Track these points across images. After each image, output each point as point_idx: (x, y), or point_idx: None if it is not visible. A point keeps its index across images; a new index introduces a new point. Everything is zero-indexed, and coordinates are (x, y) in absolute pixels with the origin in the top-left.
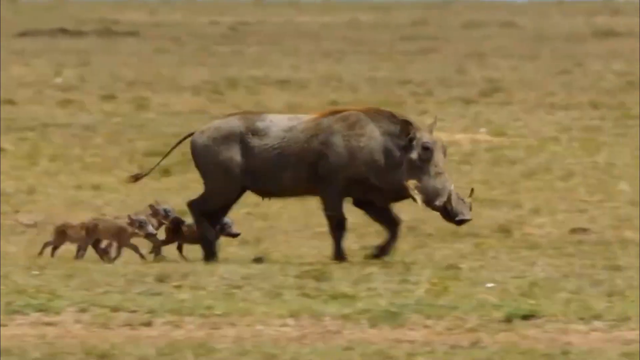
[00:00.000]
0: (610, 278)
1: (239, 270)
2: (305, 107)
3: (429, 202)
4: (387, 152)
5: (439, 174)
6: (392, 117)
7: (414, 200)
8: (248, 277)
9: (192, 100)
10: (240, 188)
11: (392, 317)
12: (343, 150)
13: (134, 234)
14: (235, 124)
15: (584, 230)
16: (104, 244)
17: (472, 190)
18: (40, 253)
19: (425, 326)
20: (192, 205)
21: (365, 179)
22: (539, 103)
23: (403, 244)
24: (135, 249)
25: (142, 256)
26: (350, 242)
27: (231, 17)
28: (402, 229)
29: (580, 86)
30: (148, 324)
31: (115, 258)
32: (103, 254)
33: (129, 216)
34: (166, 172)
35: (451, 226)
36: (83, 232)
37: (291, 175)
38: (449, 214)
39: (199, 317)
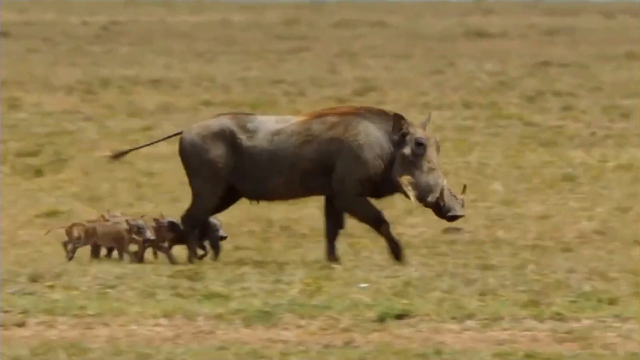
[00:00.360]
0: (482, 277)
1: (113, 270)
2: (177, 107)
3: (421, 198)
4: (384, 146)
5: (432, 169)
6: (383, 113)
7: (407, 196)
8: (121, 277)
9: (65, 100)
10: (227, 187)
11: (266, 317)
12: (347, 155)
13: (132, 240)
14: (225, 123)
15: (457, 229)
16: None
17: (465, 187)
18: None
19: (299, 326)
20: (184, 218)
21: (371, 176)
22: (411, 102)
23: (276, 244)
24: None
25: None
26: (223, 243)
27: (103, 16)
28: (276, 229)
29: (453, 86)
30: (21, 324)
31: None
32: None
33: (127, 221)
34: (38, 172)
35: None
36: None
37: (283, 181)
38: (441, 210)
39: (72, 317)
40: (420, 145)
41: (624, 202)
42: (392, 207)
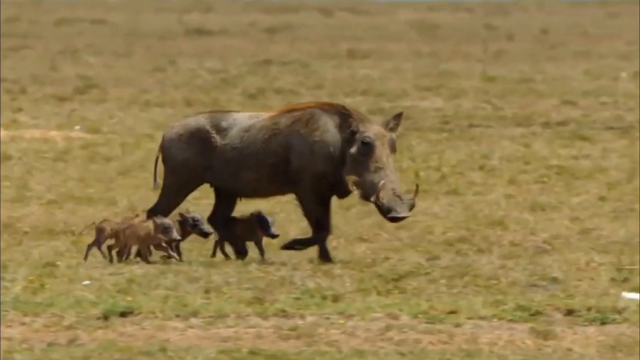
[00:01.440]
0: (207, 274)
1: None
2: None
3: (366, 197)
4: (337, 145)
5: (379, 169)
6: (342, 109)
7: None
8: None
9: None
10: (200, 184)
11: None
12: (303, 149)
13: (158, 239)
14: (201, 121)
15: None
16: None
17: (417, 187)
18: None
19: (23, 323)
20: (148, 213)
21: (326, 174)
22: (133, 100)
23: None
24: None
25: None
26: None
27: None
28: None
29: (174, 84)
30: None
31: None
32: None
33: (153, 220)
34: None
35: (47, 224)
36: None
37: (253, 176)
38: (381, 209)
39: None
40: (365, 144)
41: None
42: (114, 204)
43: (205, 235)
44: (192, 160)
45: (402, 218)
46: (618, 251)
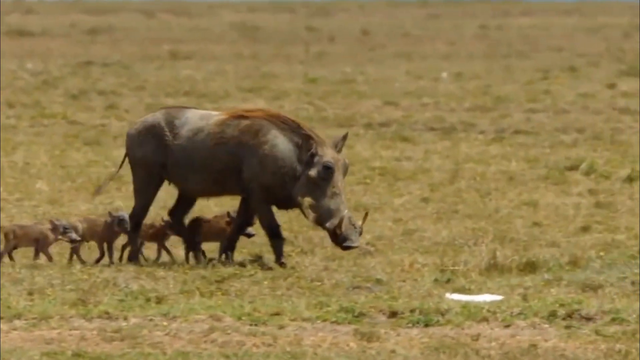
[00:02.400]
0: (30, 276)
1: None
2: None
3: (320, 222)
4: (289, 160)
5: (335, 194)
6: (297, 127)
7: (306, 216)
8: None
9: None
10: (161, 181)
11: None
12: (253, 161)
13: (56, 240)
14: (157, 118)
15: None
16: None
17: (366, 214)
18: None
19: None
20: (130, 217)
21: (273, 186)
22: None
23: None
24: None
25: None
26: None
27: None
28: None
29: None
30: None
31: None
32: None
33: (51, 221)
34: None
35: None
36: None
37: (199, 178)
38: (337, 237)
39: None
40: (327, 169)
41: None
42: None
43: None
44: (148, 155)
45: (356, 247)
46: (441, 252)
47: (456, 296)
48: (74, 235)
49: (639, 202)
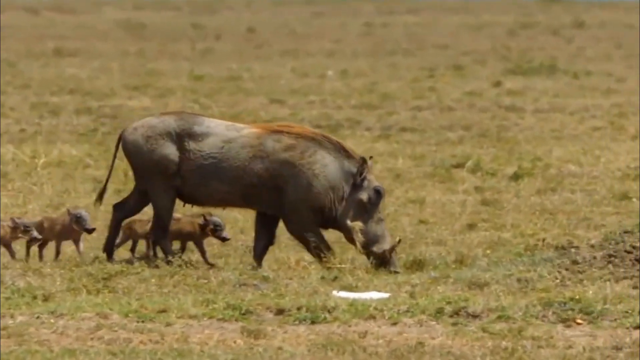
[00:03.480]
0: None
1: None
2: None
3: (367, 246)
4: (337, 181)
5: (380, 220)
6: (341, 147)
7: (350, 240)
8: None
9: None
10: (175, 186)
11: None
12: (300, 182)
13: (16, 238)
14: (169, 123)
15: None
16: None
17: (399, 240)
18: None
19: None
20: (153, 224)
21: (322, 208)
22: None
23: None
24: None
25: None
26: None
27: None
28: None
29: None
30: None
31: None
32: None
33: (12, 219)
34: None
35: None
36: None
37: (224, 189)
38: (385, 263)
39: None
40: (378, 194)
41: (56, 198)
42: None
43: (223, 239)
44: (164, 162)
45: (398, 273)
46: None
47: (343, 294)
48: (35, 234)
49: (525, 199)
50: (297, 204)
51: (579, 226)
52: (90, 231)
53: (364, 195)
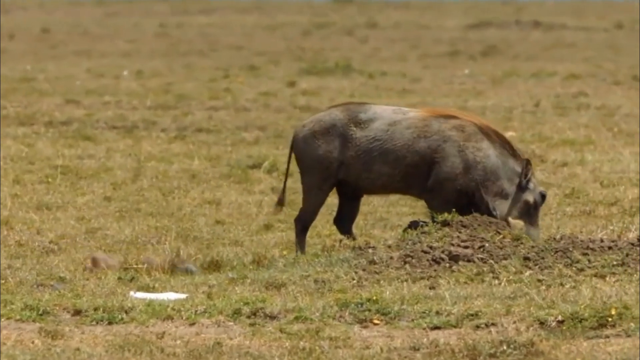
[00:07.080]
0: None
1: None
2: None
3: None
4: (496, 175)
5: (537, 224)
6: (508, 145)
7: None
8: None
9: None
10: (336, 182)
11: None
12: (457, 161)
13: None
14: (336, 115)
15: None
16: None
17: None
18: None
19: None
20: (295, 219)
21: (472, 193)
22: None
23: None
24: None
25: None
26: None
27: None
28: None
29: None
30: None
31: None
32: None
33: None
34: None
35: None
36: None
37: (386, 171)
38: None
39: None
40: (544, 198)
41: None
42: None
43: None
44: (327, 156)
45: None
46: (125, 250)
47: (140, 294)
48: None
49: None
50: (446, 183)
51: (375, 226)
52: None
53: (529, 197)
